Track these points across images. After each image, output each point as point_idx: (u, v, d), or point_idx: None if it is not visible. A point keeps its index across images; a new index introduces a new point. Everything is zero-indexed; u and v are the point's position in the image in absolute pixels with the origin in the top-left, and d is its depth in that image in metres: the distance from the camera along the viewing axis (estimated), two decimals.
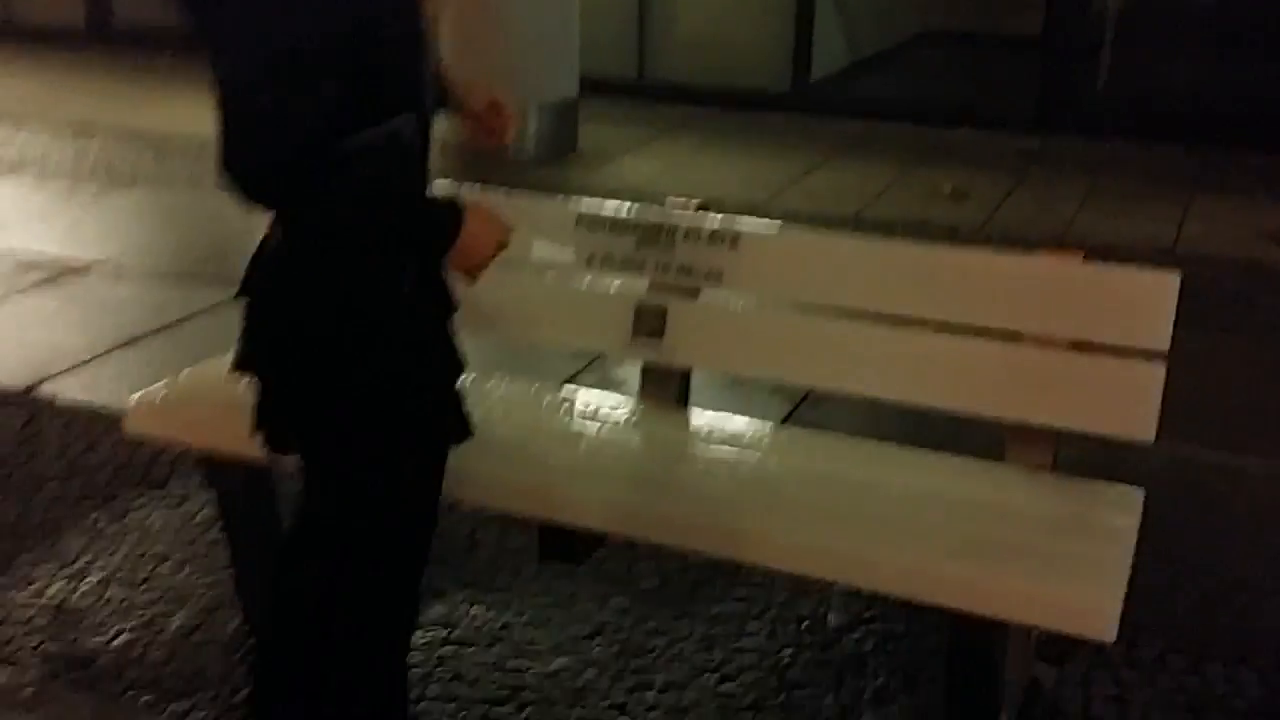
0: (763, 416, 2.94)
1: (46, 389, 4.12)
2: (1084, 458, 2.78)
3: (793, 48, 8.23)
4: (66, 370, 4.26)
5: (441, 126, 2.21)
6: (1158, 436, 2.32)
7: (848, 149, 7.30)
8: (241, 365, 2.16)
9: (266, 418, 2.17)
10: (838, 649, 2.88)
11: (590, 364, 4.28)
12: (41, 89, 8.80)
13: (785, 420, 3.91)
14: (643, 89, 8.43)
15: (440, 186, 2.21)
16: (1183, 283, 2.47)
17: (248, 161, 1.85)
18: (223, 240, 5.28)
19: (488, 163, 6.61)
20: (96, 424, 3.85)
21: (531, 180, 6.01)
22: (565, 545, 2.54)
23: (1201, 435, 3.88)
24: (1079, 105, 7.72)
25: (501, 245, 2.08)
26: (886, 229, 5.65)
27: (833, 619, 2.98)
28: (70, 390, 4.11)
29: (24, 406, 4.00)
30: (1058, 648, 2.85)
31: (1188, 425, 3.90)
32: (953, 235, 5.67)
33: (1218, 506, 3.52)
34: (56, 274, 5.17)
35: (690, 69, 8.47)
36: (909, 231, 5.51)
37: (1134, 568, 2.55)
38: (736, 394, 4.00)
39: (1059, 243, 5.54)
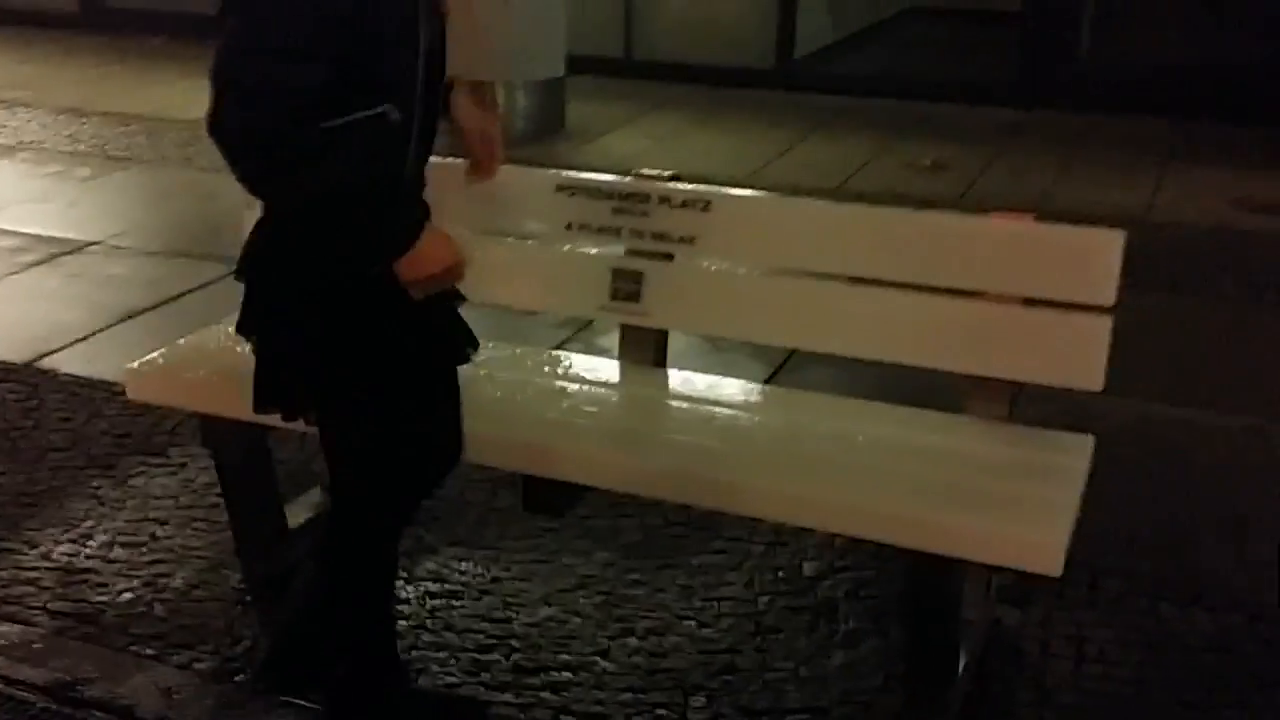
0: (746, 379, 3.07)
1: (48, 363, 4.25)
2: (1056, 415, 2.91)
3: (777, 25, 8.33)
4: (67, 345, 4.39)
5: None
6: (1124, 393, 2.42)
7: (831, 124, 7.42)
8: (239, 330, 2.30)
9: (259, 380, 2.30)
10: (812, 596, 3.01)
11: (576, 333, 4.41)
12: (36, 73, 8.90)
13: (766, 383, 4.03)
14: (630, 68, 8.54)
15: (434, 166, 2.33)
16: (1153, 247, 2.59)
17: (231, 127, 1.98)
18: (216, 218, 5.39)
19: None
20: (97, 395, 3.98)
21: (518, 157, 6.02)
22: (548, 497, 2.66)
23: (1166, 392, 4.02)
24: (1060, 78, 7.83)
25: (451, 273, 2.19)
26: (866, 201, 5.76)
27: (808, 568, 3.11)
28: (71, 364, 4.24)
29: (26, 380, 4.12)
30: (1021, 590, 2.99)
31: (1152, 382, 4.06)
32: (930, 206, 5.78)
33: (1178, 458, 3.66)
34: (54, 253, 5.28)
35: (677, 47, 8.58)
36: (887, 203, 5.61)
37: (1097, 515, 2.68)
38: (720, 359, 4.13)
39: (1034, 212, 5.65)
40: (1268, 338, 4.52)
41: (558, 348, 4.27)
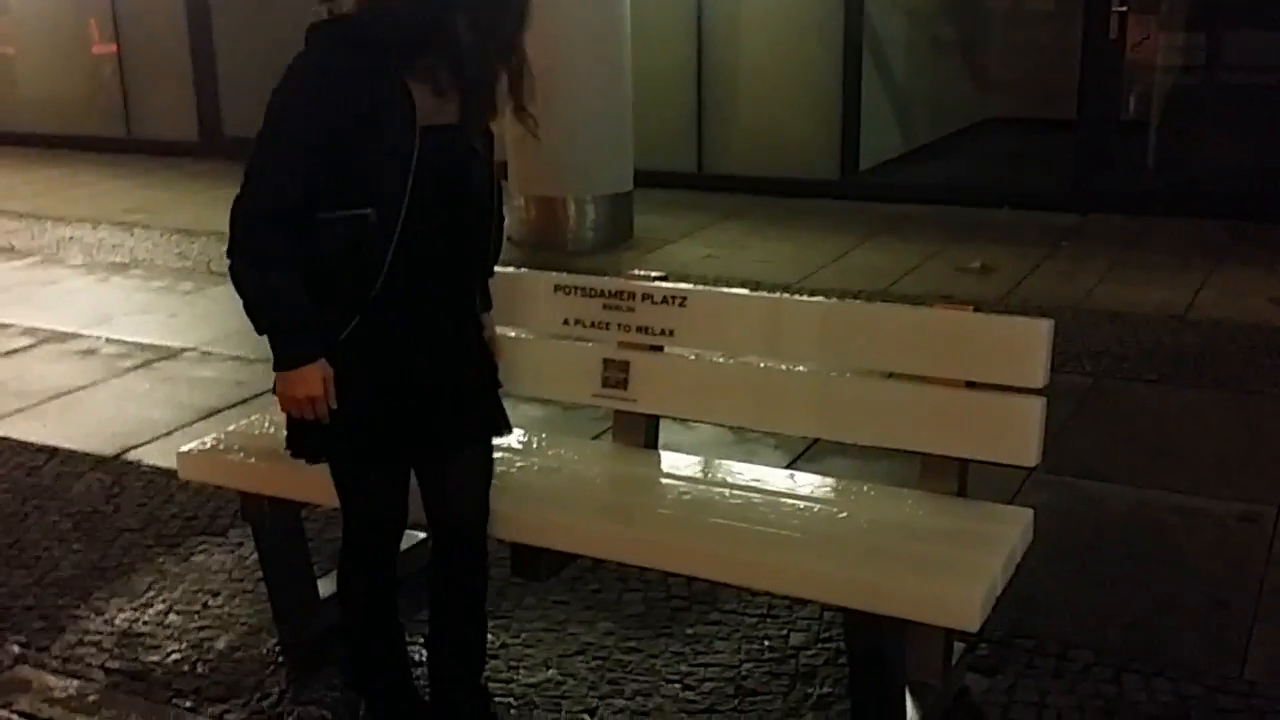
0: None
1: (133, 455, 4.69)
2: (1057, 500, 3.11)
3: (841, 140, 8.69)
4: (152, 440, 4.83)
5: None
6: (1133, 481, 2.54)
7: (888, 230, 7.70)
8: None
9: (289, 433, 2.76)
10: (793, 663, 3.23)
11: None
12: (155, 196, 9.64)
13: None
14: (701, 181, 8.95)
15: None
16: (1187, 344, 2.82)
17: (238, 207, 2.50)
18: None
19: (547, 250, 7.17)
20: (172, 483, 4.38)
21: (584, 266, 6.51)
22: (534, 563, 2.94)
23: (1162, 479, 4.17)
24: (1114, 183, 8.02)
25: (307, 408, 2.55)
26: (912, 302, 6.01)
27: (794, 638, 3.33)
28: (153, 456, 4.67)
29: (112, 470, 4.56)
30: (992, 660, 3.17)
31: (1150, 470, 4.21)
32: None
33: (1170, 542, 3.80)
34: (151, 359, 5.79)
35: (746, 161, 8.99)
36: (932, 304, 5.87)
37: (1078, 592, 2.81)
38: (741, 448, 4.40)
39: (1075, 311, 5.85)
40: None
41: (596, 438, 4.59)
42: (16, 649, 3.39)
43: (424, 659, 3.04)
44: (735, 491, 2.92)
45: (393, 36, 2.50)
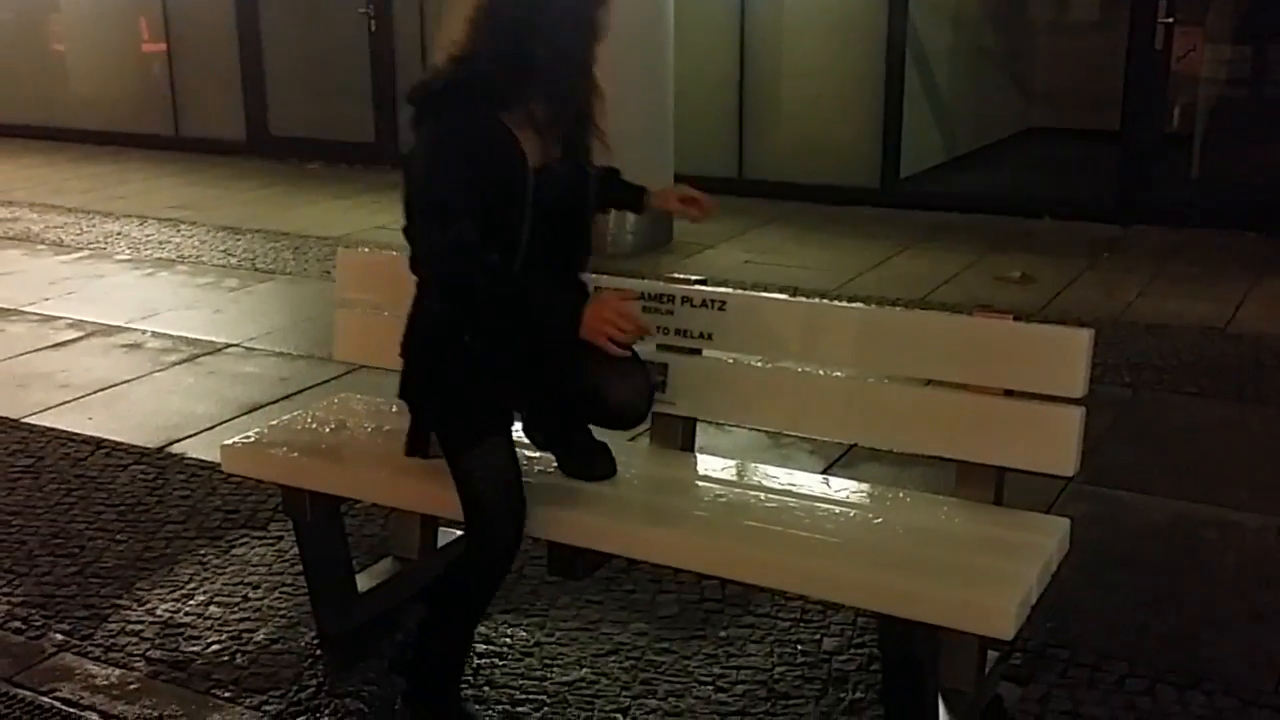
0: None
1: (177, 448, 4.76)
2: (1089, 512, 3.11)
3: (882, 147, 8.68)
4: (195, 434, 4.90)
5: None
6: (1171, 493, 2.52)
7: (929, 239, 7.68)
8: (401, 394, 2.95)
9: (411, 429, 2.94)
10: (826, 668, 3.24)
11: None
12: (203, 194, 9.76)
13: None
14: (742, 186, 8.96)
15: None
16: (1226, 358, 2.82)
17: (420, 249, 2.80)
18: None
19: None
20: (215, 477, 4.44)
21: (625, 269, 6.52)
22: (569, 563, 2.97)
23: (1200, 492, 4.16)
24: (1158, 195, 7.97)
25: (628, 323, 2.69)
26: (951, 311, 6.01)
27: (827, 643, 3.34)
28: (196, 450, 4.73)
29: (155, 463, 4.63)
30: (1026, 669, 3.17)
31: (1188, 482, 4.20)
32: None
33: (1208, 555, 3.78)
34: (195, 354, 5.87)
35: (786, 167, 9.00)
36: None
37: (1113, 604, 2.79)
38: (777, 453, 4.42)
39: (1115, 323, 5.83)
40: None
41: (633, 439, 4.61)
42: (60, 637, 3.45)
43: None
44: (771, 495, 2.94)
45: (488, 88, 2.71)
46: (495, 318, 2.75)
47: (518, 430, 3.02)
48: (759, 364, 3.20)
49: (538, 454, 3.08)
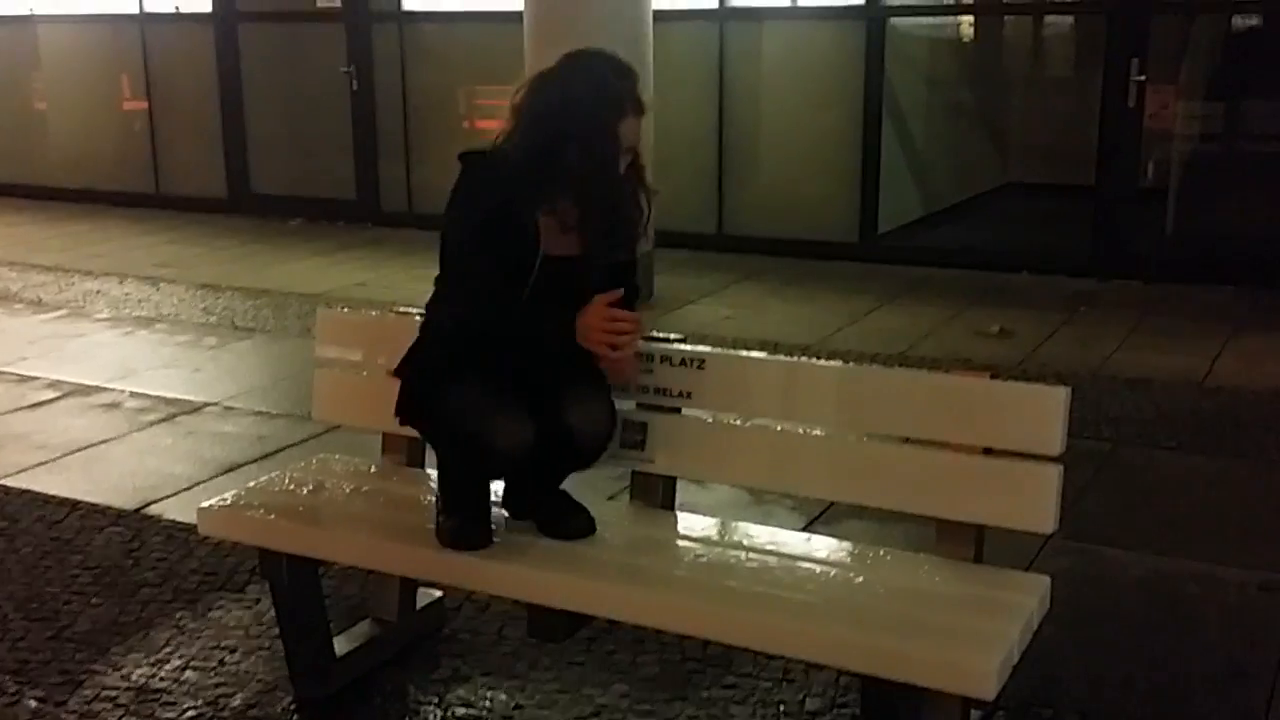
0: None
1: (154, 509, 4.72)
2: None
3: (860, 203, 8.75)
4: (172, 494, 4.86)
5: None
6: (1152, 549, 2.54)
7: (907, 293, 7.73)
8: (397, 412, 3.06)
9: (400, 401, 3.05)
10: None
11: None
12: (183, 252, 9.75)
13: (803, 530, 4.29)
14: (722, 241, 9.01)
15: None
16: (1204, 411, 2.84)
17: (448, 282, 3.01)
18: None
19: None
20: (192, 539, 4.40)
21: None
22: (550, 625, 2.95)
23: (1181, 547, 4.16)
24: (1134, 249, 8.04)
25: (620, 333, 2.87)
26: (930, 365, 6.03)
27: (809, 703, 3.32)
28: (173, 511, 4.69)
29: (131, 525, 4.59)
30: None
31: (1169, 537, 4.20)
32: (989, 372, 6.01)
33: (1190, 611, 3.78)
34: (174, 413, 5.84)
35: (765, 223, 9.05)
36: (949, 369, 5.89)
37: (1097, 660, 2.78)
38: (758, 510, 4.41)
39: (1093, 376, 5.86)
40: None
41: (612, 498, 4.60)
42: (34, 703, 3.40)
43: None
44: (752, 555, 2.93)
45: (517, 173, 2.84)
46: (495, 318, 2.90)
47: (496, 495, 3.02)
48: (738, 422, 3.20)
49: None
